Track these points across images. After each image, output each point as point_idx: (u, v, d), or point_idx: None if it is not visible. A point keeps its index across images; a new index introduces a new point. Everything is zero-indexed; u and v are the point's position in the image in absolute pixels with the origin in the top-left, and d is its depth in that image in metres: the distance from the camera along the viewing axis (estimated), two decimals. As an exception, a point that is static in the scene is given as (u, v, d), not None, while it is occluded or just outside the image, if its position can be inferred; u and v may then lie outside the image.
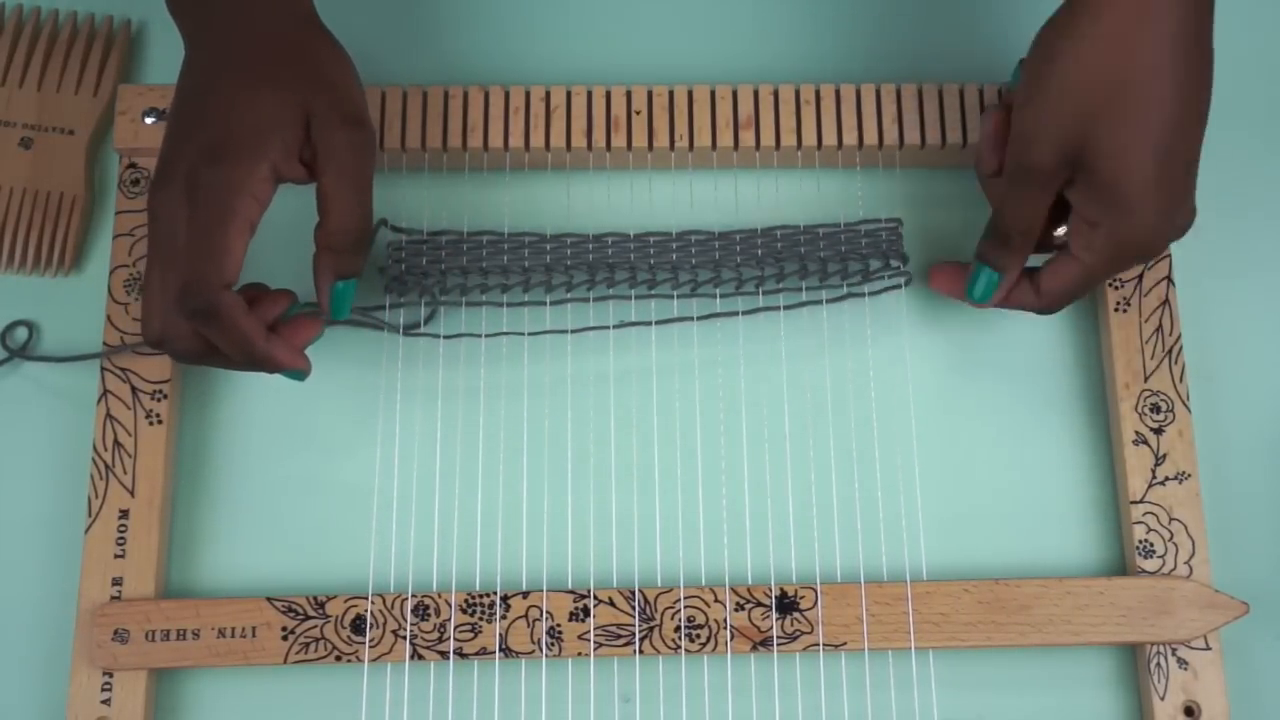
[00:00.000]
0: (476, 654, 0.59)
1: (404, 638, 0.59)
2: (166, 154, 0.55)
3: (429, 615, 0.59)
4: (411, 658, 0.59)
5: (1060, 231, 0.59)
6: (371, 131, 0.57)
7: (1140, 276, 0.64)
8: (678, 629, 0.59)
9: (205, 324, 0.54)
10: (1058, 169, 0.56)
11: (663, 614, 0.59)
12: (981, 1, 0.72)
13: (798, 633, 0.59)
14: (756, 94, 0.65)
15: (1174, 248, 0.64)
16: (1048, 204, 0.57)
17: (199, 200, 0.54)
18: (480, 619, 0.59)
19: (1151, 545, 0.61)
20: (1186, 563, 0.61)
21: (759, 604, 0.59)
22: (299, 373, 0.58)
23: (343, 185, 0.56)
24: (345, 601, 0.59)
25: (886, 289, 0.64)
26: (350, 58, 0.58)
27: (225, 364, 0.58)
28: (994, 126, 0.59)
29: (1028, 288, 0.60)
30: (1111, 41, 0.54)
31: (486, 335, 0.63)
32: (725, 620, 0.59)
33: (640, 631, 0.59)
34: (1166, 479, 0.62)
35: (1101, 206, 0.56)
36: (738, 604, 0.59)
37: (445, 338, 0.64)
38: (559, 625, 0.59)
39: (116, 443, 0.61)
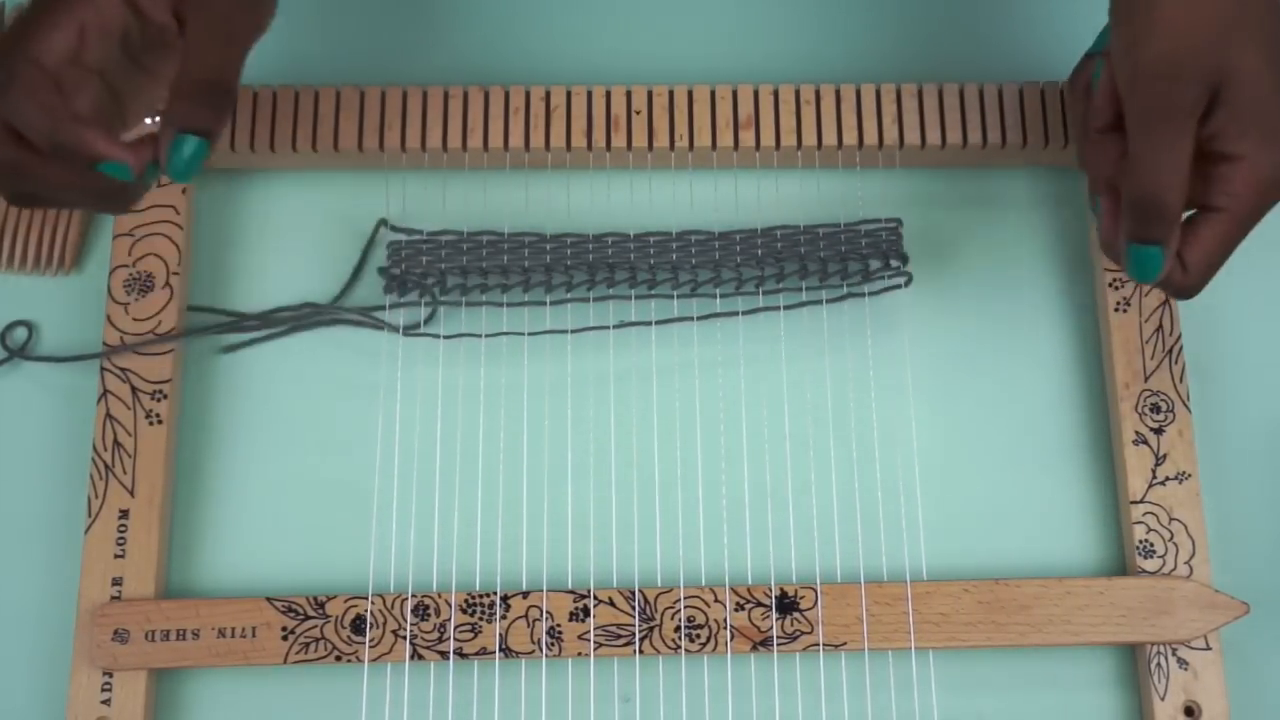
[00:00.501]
0: (476, 654, 0.59)
1: (404, 638, 0.59)
2: None
3: (429, 615, 0.59)
4: (411, 658, 0.59)
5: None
6: None
7: (1140, 276, 0.64)
8: (678, 629, 0.59)
9: (3, 98, 0.50)
10: (1198, 99, 0.51)
11: (663, 614, 0.59)
12: (981, 1, 0.72)
13: (798, 633, 0.59)
14: (756, 94, 0.65)
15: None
16: (1190, 148, 0.52)
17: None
18: (480, 619, 0.59)
19: (1151, 545, 0.61)
20: (1186, 563, 0.61)
21: (759, 604, 0.59)
22: (121, 167, 0.50)
23: (211, 28, 0.51)
24: (345, 601, 0.59)
25: (887, 289, 0.64)
26: None
27: (36, 170, 0.51)
28: (1108, 76, 0.54)
29: (1174, 265, 0.54)
30: None
31: (486, 335, 0.63)
32: (725, 620, 0.59)
33: (640, 631, 0.59)
34: (1166, 479, 0.62)
35: (1245, 133, 0.52)
36: (738, 604, 0.59)
37: (445, 338, 0.64)
38: (559, 625, 0.59)
39: (116, 443, 0.61)
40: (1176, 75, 0.51)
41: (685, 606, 0.59)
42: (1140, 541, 0.61)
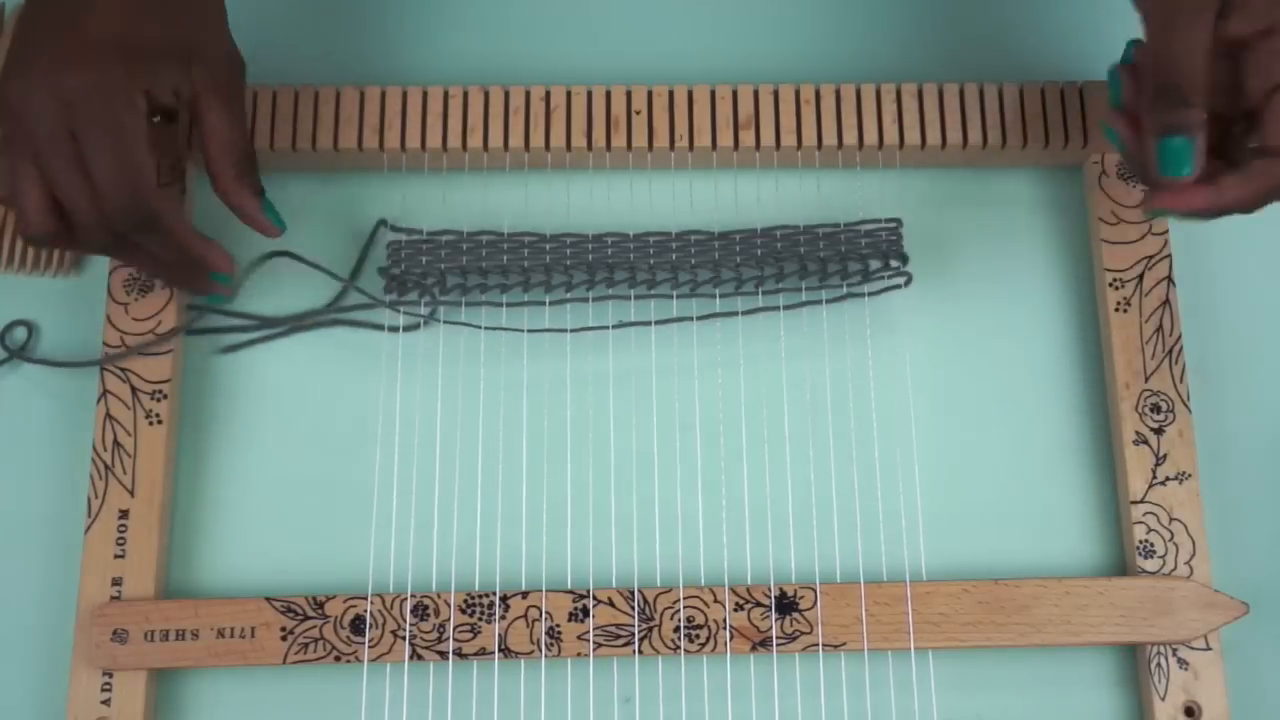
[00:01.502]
0: (476, 654, 0.59)
1: (403, 638, 0.59)
2: (29, 46, 0.55)
3: (428, 615, 0.59)
4: (411, 658, 0.59)
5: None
6: (239, 53, 0.59)
7: (1141, 277, 0.64)
8: (677, 629, 0.59)
9: (145, 231, 0.56)
10: None
11: (662, 614, 0.59)
12: (982, 1, 0.72)
13: (797, 633, 0.59)
14: (756, 94, 0.65)
15: (1175, 248, 0.65)
16: (1207, 37, 0.54)
17: (80, 114, 0.53)
18: (479, 619, 0.59)
19: (1152, 545, 0.61)
20: (1186, 563, 0.61)
21: (758, 604, 0.59)
22: (226, 279, 0.61)
23: (236, 113, 0.58)
24: (344, 601, 0.59)
25: (886, 289, 0.64)
26: None
27: (143, 263, 0.60)
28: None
29: (1231, 179, 0.55)
30: None
31: (486, 328, 0.63)
32: (725, 620, 0.59)
33: (640, 632, 0.59)
34: (1167, 479, 0.62)
35: (1266, 6, 0.53)
36: (737, 604, 0.59)
37: (445, 323, 0.64)
38: (558, 625, 0.59)
39: (116, 443, 0.61)
40: None
41: (685, 607, 0.59)
42: (1140, 541, 0.61)
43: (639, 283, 0.64)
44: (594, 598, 0.59)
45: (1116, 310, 0.64)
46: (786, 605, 0.59)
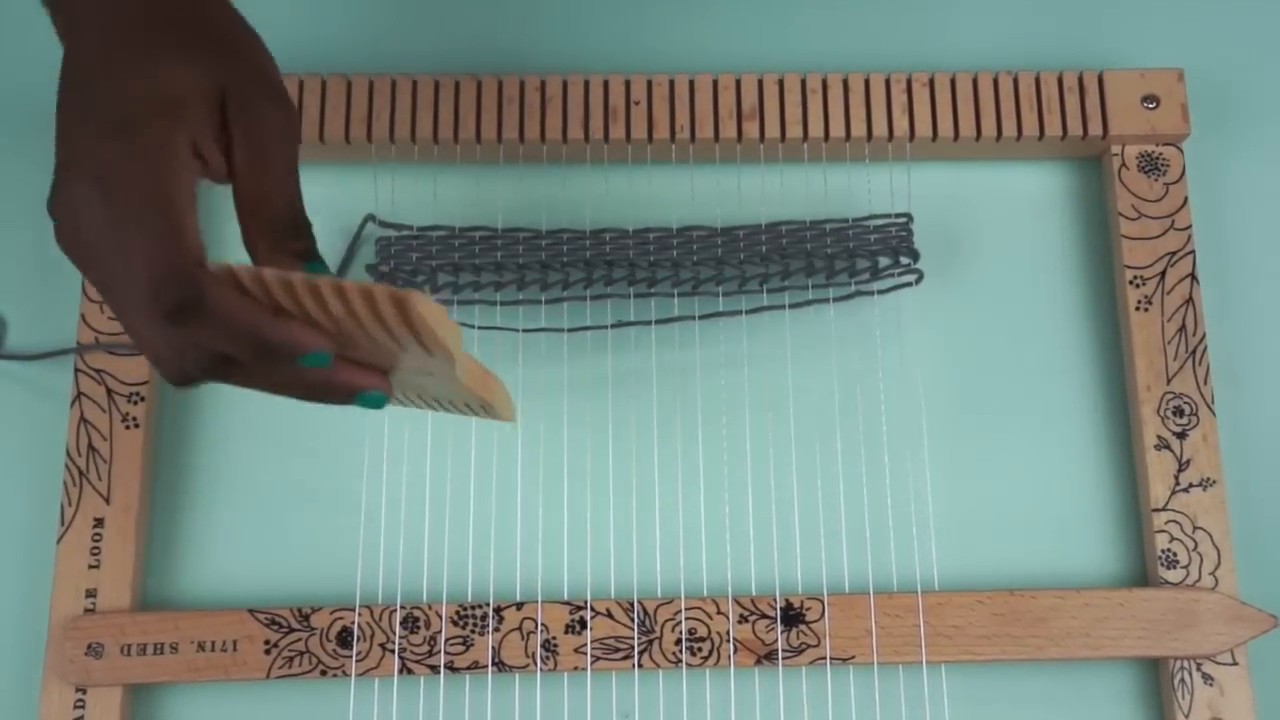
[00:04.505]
0: (468, 668, 0.58)
1: (392, 651, 0.58)
2: (62, 151, 0.45)
3: (419, 627, 0.58)
4: (400, 672, 0.58)
5: None
6: (296, 110, 0.49)
7: (1163, 274, 0.63)
8: (678, 642, 0.58)
9: (196, 320, 0.42)
10: None
11: (663, 626, 0.59)
12: (994, -12, 0.72)
13: (804, 646, 0.58)
14: (761, 83, 0.65)
15: (1199, 246, 0.64)
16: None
17: (116, 184, 0.43)
18: (472, 631, 0.58)
19: (1174, 555, 0.60)
20: (1211, 573, 0.60)
21: (763, 616, 0.59)
22: (323, 355, 0.45)
23: (282, 168, 0.47)
24: (331, 613, 0.59)
25: (896, 287, 0.63)
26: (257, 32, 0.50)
27: (250, 378, 0.46)
28: None
29: None
30: None
31: (479, 328, 0.62)
32: (728, 633, 0.58)
33: (639, 644, 0.58)
34: (1190, 485, 0.61)
35: None
36: (741, 616, 0.59)
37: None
38: (554, 638, 0.58)
39: (91, 447, 0.60)
40: None
41: (686, 618, 0.59)
42: (1163, 551, 0.60)
43: (638, 280, 0.63)
44: (592, 609, 0.59)
45: (1137, 309, 0.63)
46: (793, 617, 0.59)
